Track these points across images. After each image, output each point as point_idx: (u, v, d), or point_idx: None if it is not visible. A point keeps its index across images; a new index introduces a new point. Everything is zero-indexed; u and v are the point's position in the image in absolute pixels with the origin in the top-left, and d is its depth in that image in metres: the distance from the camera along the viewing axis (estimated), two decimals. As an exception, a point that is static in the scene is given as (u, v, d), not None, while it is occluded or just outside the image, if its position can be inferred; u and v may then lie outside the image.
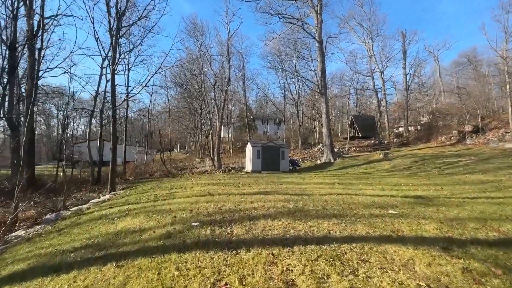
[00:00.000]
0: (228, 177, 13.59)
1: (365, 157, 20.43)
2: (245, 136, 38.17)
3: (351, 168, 17.87)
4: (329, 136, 21.87)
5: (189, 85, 31.45)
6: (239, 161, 28.16)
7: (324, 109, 22.13)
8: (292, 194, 6.99)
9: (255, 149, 19.45)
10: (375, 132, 29.81)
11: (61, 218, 7.33)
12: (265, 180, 11.11)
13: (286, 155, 20.16)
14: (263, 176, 13.75)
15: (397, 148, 23.73)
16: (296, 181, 10.82)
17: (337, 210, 4.97)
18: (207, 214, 4.84)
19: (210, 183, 10.48)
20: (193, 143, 38.14)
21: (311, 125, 49.58)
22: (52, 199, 14.78)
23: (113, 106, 14.02)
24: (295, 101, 32.95)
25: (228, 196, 6.76)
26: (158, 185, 11.33)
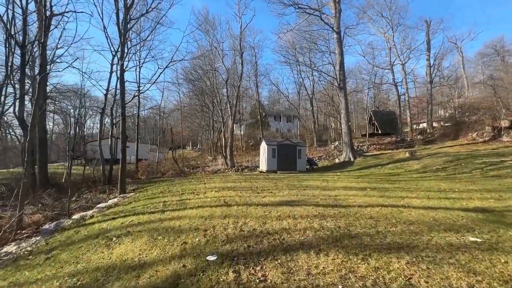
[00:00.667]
0: (243, 178, 12.51)
1: (389, 156, 18.85)
2: (258, 133, 37.02)
3: (374, 168, 16.40)
4: (349, 133, 20.39)
5: (201, 81, 30.53)
6: (252, 160, 27.09)
7: (343, 104, 20.63)
8: (324, 205, 5.79)
9: (270, 148, 18.28)
10: (395, 129, 27.93)
11: (60, 229, 6.46)
12: (285, 183, 9.93)
13: (303, 154, 18.88)
14: (280, 178, 12.58)
15: (423, 146, 21.93)
16: (320, 185, 9.58)
17: (396, 235, 3.75)
18: (226, 239, 3.73)
19: (225, 187, 9.41)
20: (205, 140, 37.37)
21: (325, 121, 47.84)
22: (62, 200, 14.22)
23: (122, 104, 13.17)
24: (310, 96, 31.42)
25: (248, 208, 5.64)
26: (169, 189, 10.37)
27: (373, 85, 31.35)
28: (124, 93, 13.58)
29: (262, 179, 11.99)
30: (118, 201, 9.83)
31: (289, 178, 12.47)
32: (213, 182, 11.33)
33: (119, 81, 13.21)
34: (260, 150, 20.45)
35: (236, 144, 33.57)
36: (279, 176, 14.01)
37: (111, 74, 18.81)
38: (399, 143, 24.44)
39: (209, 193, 8.08)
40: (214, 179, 12.64)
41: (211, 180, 12.16)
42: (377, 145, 25.02)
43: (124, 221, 5.72)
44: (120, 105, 13.40)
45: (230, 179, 12.29)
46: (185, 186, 10.73)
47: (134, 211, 6.65)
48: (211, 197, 7.40)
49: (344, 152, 20.47)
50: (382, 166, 16.42)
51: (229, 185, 9.72)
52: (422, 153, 17.75)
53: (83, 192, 15.66)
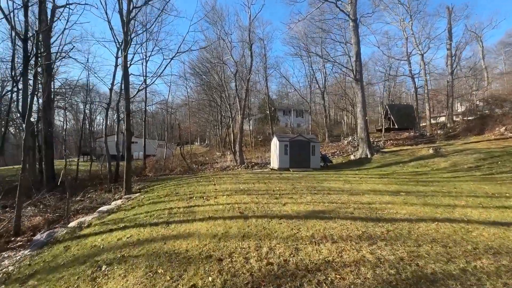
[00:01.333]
0: (256, 178, 11.49)
1: (409, 153, 17.47)
2: (267, 129, 35.91)
3: (396, 166, 15.11)
4: (366, 128, 19.04)
5: (209, 75, 29.48)
6: (261, 156, 26.04)
7: (360, 97, 19.24)
8: (363, 218, 4.69)
9: (282, 144, 17.16)
10: (413, 123, 26.33)
11: (51, 241, 5.59)
12: (303, 185, 8.85)
13: (317, 150, 17.70)
14: (296, 177, 11.49)
15: (445, 142, 20.39)
16: (344, 187, 8.46)
17: (493, 275, 2.65)
18: (250, 279, 2.69)
19: (237, 189, 8.39)
20: (213, 136, 36.50)
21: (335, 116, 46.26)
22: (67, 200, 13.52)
23: (126, 98, 12.24)
24: (322, 90, 29.98)
25: (269, 222, 4.59)
26: (176, 190, 9.42)
27: (388, 78, 29.62)
28: (129, 87, 12.65)
29: (277, 179, 10.91)
30: (122, 204, 8.98)
31: (306, 178, 11.36)
32: (224, 182, 10.34)
33: (123, 74, 12.26)
34: (271, 147, 19.36)
35: (245, 139, 32.57)
36: (293, 175, 12.90)
37: (116, 68, 17.96)
38: (418, 138, 22.92)
39: (220, 198, 7.07)
40: (224, 179, 11.64)
41: (221, 180, 11.17)
42: (394, 140, 23.56)
43: (121, 236, 4.76)
44: (125, 99, 12.47)
45: (241, 179, 11.27)
46: (193, 187, 9.76)
47: (135, 221, 5.70)
48: (223, 203, 6.38)
49: (360, 148, 19.18)
50: (404, 164, 15.10)
51: (242, 187, 8.69)
52: (447, 149, 16.31)
53: (88, 191, 14.96)
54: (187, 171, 21.86)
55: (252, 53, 23.14)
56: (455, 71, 32.62)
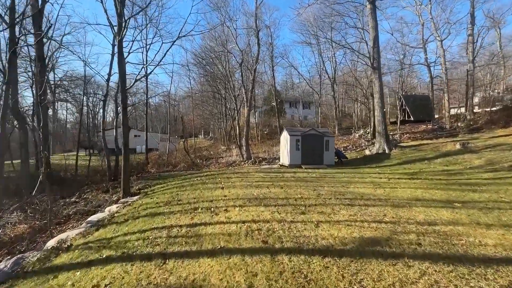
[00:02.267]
0: (268, 178, 10.07)
1: (433, 148, 15.86)
2: (273, 121, 34.31)
3: (420, 163, 13.55)
4: (383, 121, 17.40)
5: (212, 65, 27.78)
6: (269, 150, 24.58)
7: (377, 87, 17.52)
8: (443, 257, 3.23)
9: (294, 138, 15.65)
10: (430, 115, 24.55)
11: (15, 273, 4.25)
12: (327, 190, 7.39)
13: (331, 146, 16.16)
14: (313, 178, 10.03)
15: (469, 135, 18.67)
16: (377, 194, 6.99)
17: None
18: None
19: (251, 196, 6.95)
20: (217, 129, 35.03)
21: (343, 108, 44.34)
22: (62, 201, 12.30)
23: (122, 88, 10.77)
24: (331, 80, 28.13)
25: (309, 263, 3.15)
26: (178, 196, 8.01)
27: (403, 67, 27.62)
28: (125, 77, 11.14)
29: (293, 180, 9.46)
30: (116, 212, 7.67)
31: (325, 179, 9.88)
32: (233, 185, 8.91)
33: (118, 61, 10.74)
34: (281, 141, 17.86)
35: (251, 133, 31.10)
36: (309, 174, 11.40)
37: (113, 57, 16.37)
38: (437, 131, 21.21)
39: (232, 211, 5.65)
40: (233, 179, 10.22)
41: (230, 182, 9.75)
42: (411, 134, 21.88)
43: (100, 279, 3.37)
44: (120, 90, 10.97)
45: (252, 180, 9.83)
46: (198, 191, 8.35)
47: (124, 247, 4.30)
48: (237, 221, 4.96)
49: (377, 142, 17.58)
50: (429, 161, 13.54)
51: (255, 193, 7.25)
52: (476, 144, 14.66)
53: (85, 190, 13.71)
54: (191, 166, 20.53)
55: (259, 41, 21.36)
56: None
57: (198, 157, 24.57)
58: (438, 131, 21.13)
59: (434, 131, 21.58)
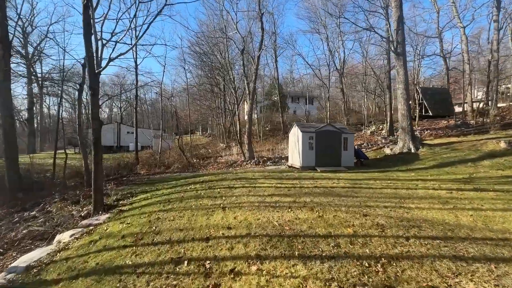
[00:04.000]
0: (283, 187, 7.47)
1: (469, 147, 13.30)
2: (276, 117, 31.64)
3: (462, 165, 11.00)
4: (409, 115, 14.81)
5: (211, 55, 24.94)
6: (273, 148, 21.94)
7: (402, 76, 14.89)
8: None
9: (306, 136, 13.02)
10: (449, 110, 22.00)
11: None
12: (382, 214, 4.78)
13: (350, 144, 13.56)
14: (343, 187, 7.43)
15: (503, 132, 16.18)
16: (463, 222, 4.41)
17: None
18: None
19: (270, 228, 4.32)
20: (216, 125, 32.27)
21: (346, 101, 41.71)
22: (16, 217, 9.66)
23: (90, 69, 8.05)
24: (339, 72, 25.43)
25: None
26: (159, 223, 5.34)
27: (418, 58, 24.97)
28: (93, 54, 8.37)
29: (319, 193, 6.83)
30: (66, 245, 5.07)
31: (359, 189, 7.25)
32: (239, 203, 6.24)
33: (84, 33, 7.98)
34: (290, 139, 15.21)
35: (252, 129, 28.42)
36: (333, 181, 8.74)
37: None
38: (462, 127, 18.67)
39: (245, 274, 3.04)
40: (237, 191, 7.56)
41: (233, 195, 7.09)
42: (432, 130, 19.33)
43: None
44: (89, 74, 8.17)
45: (263, 192, 7.19)
46: (188, 215, 5.66)
47: None
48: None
49: (401, 140, 15.00)
50: (473, 163, 10.98)
51: (276, 221, 4.61)
52: (525, 142, 12.12)
53: (52, 200, 11.03)
54: (187, 167, 17.85)
55: (263, 25, 18.57)
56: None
57: (194, 156, 21.89)
58: (463, 127, 18.60)
59: (458, 127, 19.05)
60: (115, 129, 35.24)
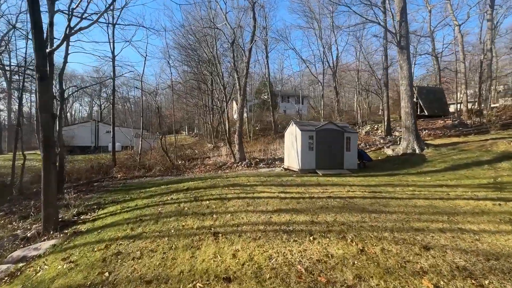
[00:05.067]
0: (289, 197, 5.84)
1: (478, 147, 12.27)
2: (266, 116, 30.07)
3: (479, 168, 9.84)
4: (413, 114, 13.65)
5: (198, 48, 22.97)
6: (264, 149, 20.32)
7: (406, 71, 13.71)
8: None
9: (306, 135, 11.49)
10: (444, 110, 21.34)
11: None
12: (442, 245, 3.31)
13: (354, 144, 12.18)
14: (363, 197, 5.89)
15: (504, 132, 15.44)
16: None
17: None
18: None
19: (285, 257, 2.72)
20: (203, 124, 30.24)
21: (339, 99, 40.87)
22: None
23: (36, 45, 6.03)
24: (333, 70, 24.23)
25: None
26: (118, 261, 3.57)
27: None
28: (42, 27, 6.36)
29: (338, 207, 5.25)
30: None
31: (385, 201, 5.75)
32: (236, 225, 4.51)
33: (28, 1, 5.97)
34: (286, 138, 13.64)
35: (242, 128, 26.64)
36: (346, 189, 7.19)
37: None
38: (461, 127, 17.89)
39: None
40: (231, 205, 5.83)
41: (227, 212, 5.37)
42: (430, 130, 18.44)
43: None
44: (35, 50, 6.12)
45: (266, 206, 5.53)
46: (164, 244, 3.88)
47: None
48: None
49: (405, 140, 13.82)
50: (490, 165, 9.85)
51: (290, 255, 2.98)
52: (537, 143, 11.20)
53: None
54: (170, 170, 15.87)
55: (255, 15, 16.91)
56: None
57: (179, 157, 19.87)
58: (462, 127, 17.82)
59: (456, 127, 18.27)
60: (93, 128, 32.37)
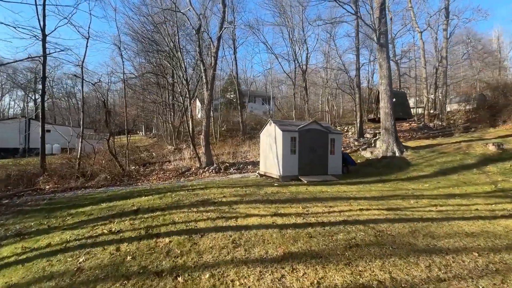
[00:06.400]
0: (282, 215, 3.91)
1: (454, 149, 11.94)
2: (233, 116, 27.88)
3: (467, 171, 9.23)
4: (392, 115, 12.95)
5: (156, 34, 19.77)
6: (234, 152, 18.16)
7: (385, 70, 12.94)
8: None
9: (288, 136, 9.72)
10: (408, 112, 21.80)
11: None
12: None
13: (338, 147, 10.79)
14: (379, 218, 4.26)
15: (469, 134, 15.85)
16: None
17: None
18: None
19: None
20: (163, 123, 26.75)
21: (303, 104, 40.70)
22: None
23: None
24: (303, 69, 23.21)
25: None
26: None
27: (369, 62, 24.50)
28: None
29: (373, 243, 3.49)
30: None
31: (411, 222, 4.17)
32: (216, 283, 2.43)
33: None
34: (262, 140, 11.71)
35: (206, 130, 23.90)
36: (352, 202, 5.45)
37: None
38: (428, 130, 18.19)
39: None
40: (204, 242, 3.64)
41: (197, 255, 3.19)
42: (399, 132, 18.23)
43: None
44: None
45: (258, 240, 3.50)
46: None
47: None
48: None
49: (384, 143, 13.02)
50: (478, 169, 9.29)
51: None
52: (508, 146, 11.14)
53: None
54: (120, 178, 12.74)
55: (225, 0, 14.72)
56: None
57: (132, 161, 16.54)
58: (429, 130, 18.11)
59: (421, 129, 18.56)
60: (22, 127, 26.35)
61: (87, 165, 14.30)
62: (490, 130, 16.37)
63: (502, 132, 15.13)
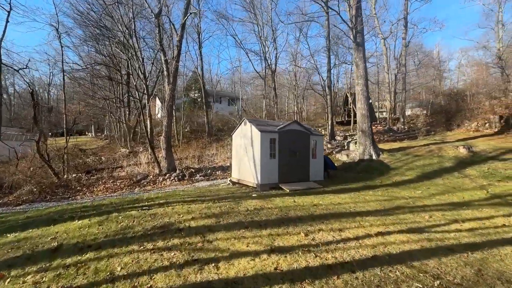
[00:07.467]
0: (286, 253, 2.48)
1: (426, 152, 11.82)
2: (197, 117, 25.59)
3: (449, 175, 8.91)
4: (369, 116, 12.45)
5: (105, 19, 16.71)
6: (199, 155, 16.10)
7: (362, 70, 12.41)
8: None
9: (267, 138, 8.27)
10: (373, 116, 22.23)
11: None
12: None
13: (320, 150, 9.71)
14: (404, 249, 3.10)
15: (430, 137, 16.36)
16: None
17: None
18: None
19: None
20: (115, 123, 23.20)
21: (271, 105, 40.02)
22: None
23: None
24: (272, 69, 22.19)
25: None
26: None
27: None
28: None
29: None
30: None
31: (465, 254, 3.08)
32: None
33: None
34: (235, 142, 10.05)
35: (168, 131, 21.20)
36: (361, 224, 4.20)
37: None
38: (394, 133, 18.51)
39: None
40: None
41: None
42: (367, 135, 18.40)
43: None
44: None
45: None
46: None
47: None
48: None
49: (361, 145, 12.44)
50: (459, 172, 9.02)
51: None
52: (482, 149, 11.34)
53: None
54: (53, 190, 9.89)
55: (190, -18, 12.78)
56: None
57: (74, 168, 13.45)
58: (393, 133, 18.43)
59: (387, 132, 18.86)
60: None
61: (6, 174, 10.94)
62: (448, 133, 17.24)
63: (459, 135, 15.94)
